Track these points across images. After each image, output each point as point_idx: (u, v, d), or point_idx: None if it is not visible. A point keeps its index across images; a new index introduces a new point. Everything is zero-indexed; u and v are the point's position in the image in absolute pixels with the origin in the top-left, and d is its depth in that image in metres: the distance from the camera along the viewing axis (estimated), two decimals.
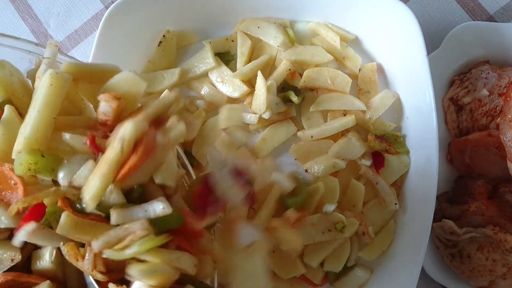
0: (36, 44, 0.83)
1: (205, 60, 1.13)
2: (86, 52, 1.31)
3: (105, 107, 0.67)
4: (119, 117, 0.68)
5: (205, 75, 1.13)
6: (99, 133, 0.68)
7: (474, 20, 1.23)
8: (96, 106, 0.71)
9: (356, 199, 1.06)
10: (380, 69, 1.12)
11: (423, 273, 1.04)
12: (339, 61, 1.14)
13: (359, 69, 1.12)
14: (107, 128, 0.68)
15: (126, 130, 0.62)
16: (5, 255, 0.72)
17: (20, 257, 0.73)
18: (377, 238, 1.06)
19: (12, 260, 0.72)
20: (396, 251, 1.05)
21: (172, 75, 1.12)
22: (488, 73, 1.09)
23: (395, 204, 1.05)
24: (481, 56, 1.14)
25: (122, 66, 1.10)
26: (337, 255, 1.04)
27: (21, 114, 0.76)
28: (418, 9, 1.23)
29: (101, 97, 0.68)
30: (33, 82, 0.79)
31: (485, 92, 1.08)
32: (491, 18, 1.23)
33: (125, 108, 0.70)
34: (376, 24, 1.08)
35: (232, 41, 1.14)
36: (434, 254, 1.08)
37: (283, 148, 1.11)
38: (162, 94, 0.80)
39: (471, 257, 1.03)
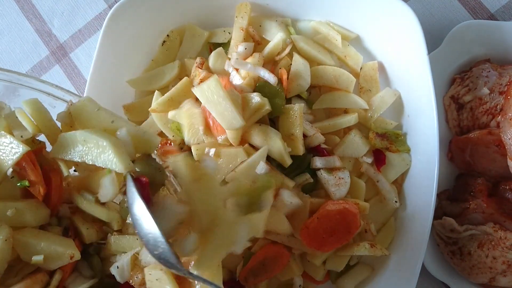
0: (60, 89, 0.88)
1: None
2: (90, 51, 1.32)
3: None
4: None
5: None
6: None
7: (475, 19, 1.23)
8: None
9: (357, 197, 1.06)
10: (381, 68, 1.13)
11: (424, 270, 1.04)
12: (340, 60, 1.14)
13: (361, 68, 1.13)
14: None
15: None
16: (66, 252, 0.77)
17: (79, 256, 0.78)
18: (378, 235, 1.07)
19: (71, 257, 0.77)
20: (396, 248, 1.05)
21: (172, 69, 1.14)
22: (489, 71, 1.10)
23: (396, 201, 1.06)
24: (482, 55, 1.14)
25: (126, 64, 1.14)
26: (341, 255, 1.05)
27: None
28: (419, 7, 1.23)
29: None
30: (62, 125, 0.83)
31: (485, 90, 1.08)
32: (492, 17, 1.23)
33: None
34: (377, 23, 1.09)
35: (229, 33, 1.14)
36: (434, 251, 1.09)
37: None
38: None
39: (471, 254, 1.04)
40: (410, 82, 1.07)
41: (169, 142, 1.07)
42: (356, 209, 0.99)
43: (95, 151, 0.74)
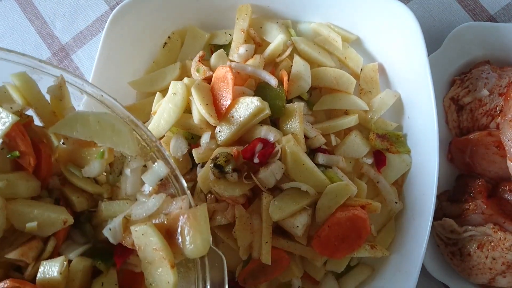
0: (40, 61, 0.86)
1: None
2: (92, 53, 1.33)
3: None
4: None
5: None
6: None
7: (475, 21, 1.24)
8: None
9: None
10: (382, 69, 1.13)
11: (424, 271, 1.05)
12: (341, 61, 1.15)
13: (361, 69, 1.13)
14: None
15: None
16: (60, 217, 0.78)
17: (72, 220, 0.79)
18: (378, 236, 1.07)
19: (65, 222, 0.78)
20: (397, 249, 1.06)
21: (173, 70, 1.14)
22: (489, 73, 1.10)
23: (396, 202, 1.06)
24: (482, 56, 1.14)
25: (127, 66, 1.14)
26: None
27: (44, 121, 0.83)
28: (419, 9, 1.24)
29: None
30: (52, 98, 0.84)
31: (485, 92, 1.09)
32: (491, 18, 1.24)
33: None
34: (378, 25, 1.09)
35: (230, 35, 1.15)
36: (434, 252, 1.09)
37: None
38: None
39: (471, 255, 1.04)
40: (410, 84, 1.08)
41: None
42: (365, 214, 1.00)
43: (108, 133, 0.78)
